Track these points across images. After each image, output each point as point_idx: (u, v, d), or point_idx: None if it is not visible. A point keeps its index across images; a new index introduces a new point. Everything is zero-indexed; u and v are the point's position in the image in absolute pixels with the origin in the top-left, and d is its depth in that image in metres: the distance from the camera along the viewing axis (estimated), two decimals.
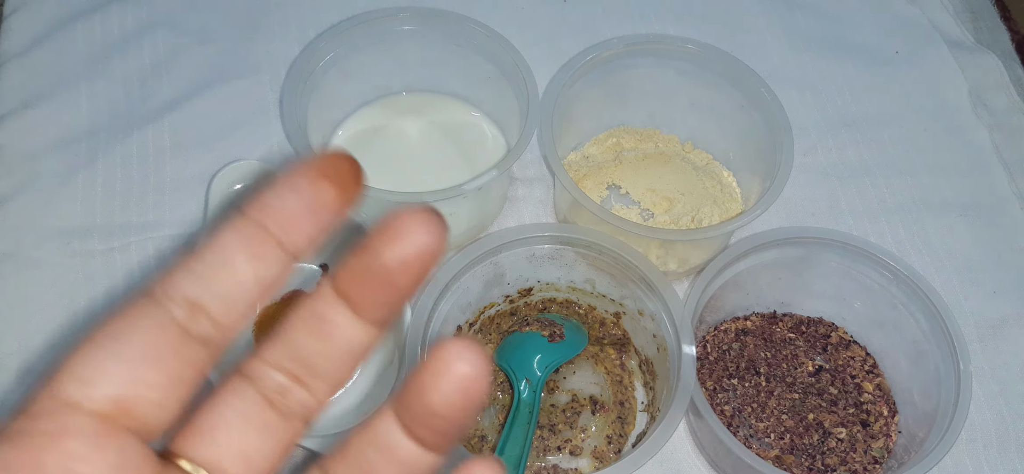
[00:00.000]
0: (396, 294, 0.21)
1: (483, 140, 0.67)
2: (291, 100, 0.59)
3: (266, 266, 0.21)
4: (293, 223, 0.21)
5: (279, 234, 0.21)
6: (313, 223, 0.21)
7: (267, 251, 0.21)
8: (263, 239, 0.21)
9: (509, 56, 0.62)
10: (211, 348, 0.21)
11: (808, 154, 0.70)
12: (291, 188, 0.21)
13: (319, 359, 0.22)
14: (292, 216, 0.21)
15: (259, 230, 0.20)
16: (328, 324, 0.21)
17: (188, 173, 0.65)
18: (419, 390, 0.21)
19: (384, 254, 0.21)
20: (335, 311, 0.22)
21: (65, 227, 0.62)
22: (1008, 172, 0.69)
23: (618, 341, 0.60)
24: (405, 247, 0.21)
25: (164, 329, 0.20)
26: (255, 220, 0.21)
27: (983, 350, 0.61)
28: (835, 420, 0.57)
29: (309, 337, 0.22)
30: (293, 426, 0.22)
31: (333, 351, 0.22)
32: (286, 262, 0.21)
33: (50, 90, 0.68)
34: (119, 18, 0.73)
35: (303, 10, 0.74)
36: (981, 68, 0.75)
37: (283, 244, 0.21)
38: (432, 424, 0.21)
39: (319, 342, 0.22)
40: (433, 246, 0.21)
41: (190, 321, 0.20)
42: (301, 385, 0.22)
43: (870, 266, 0.58)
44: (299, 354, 0.22)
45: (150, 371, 0.20)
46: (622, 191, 0.64)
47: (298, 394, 0.22)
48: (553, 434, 0.56)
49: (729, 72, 0.63)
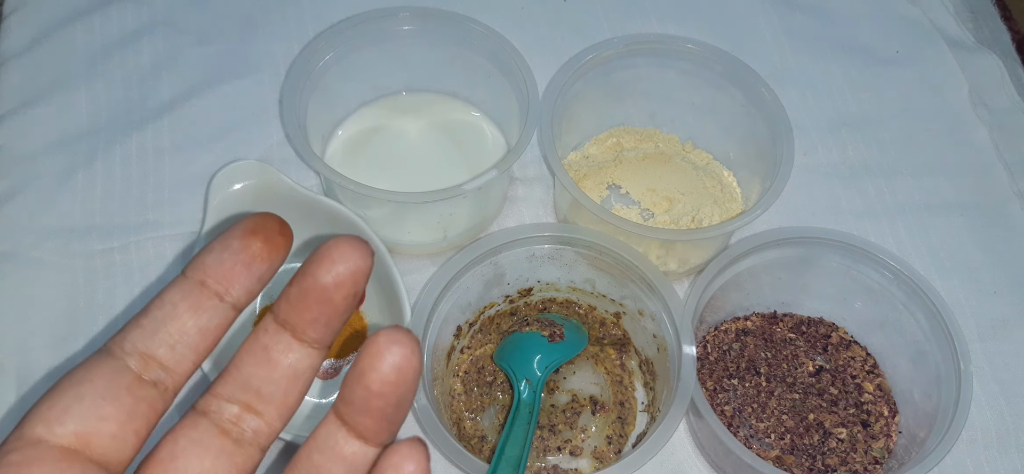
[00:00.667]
0: (333, 312, 0.24)
1: (483, 140, 0.67)
2: (291, 100, 0.59)
3: (208, 317, 0.24)
4: (230, 277, 0.24)
5: (218, 288, 0.24)
6: (247, 275, 0.24)
7: (208, 304, 0.24)
8: (203, 294, 0.24)
9: (509, 56, 0.62)
10: (163, 390, 0.24)
11: (808, 154, 0.70)
12: (225, 248, 0.24)
13: (266, 385, 0.24)
14: (228, 271, 0.24)
15: (199, 287, 0.24)
16: (272, 352, 0.24)
17: (188, 173, 0.65)
18: (358, 377, 0.23)
19: (320, 276, 0.23)
20: (277, 339, 0.24)
21: (65, 227, 0.62)
22: (1008, 172, 0.69)
23: (618, 341, 0.60)
24: (338, 268, 0.23)
25: (119, 374, 0.23)
26: (195, 279, 0.24)
27: (983, 350, 0.61)
28: (835, 420, 0.57)
29: (256, 367, 0.24)
30: (248, 452, 0.24)
31: (279, 376, 0.24)
32: (227, 311, 0.24)
33: (50, 90, 0.68)
34: (119, 18, 0.73)
35: (303, 10, 0.74)
36: (981, 68, 0.75)
37: (222, 296, 0.24)
38: (373, 408, 0.23)
39: (265, 369, 0.24)
40: (363, 267, 0.24)
41: (143, 368, 0.23)
42: (253, 413, 0.24)
43: (870, 266, 0.58)
44: (248, 383, 0.24)
45: (107, 409, 0.23)
46: (622, 191, 0.64)
47: (250, 422, 0.24)
48: (553, 434, 0.56)
49: (729, 72, 0.63)
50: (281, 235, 0.25)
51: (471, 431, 0.57)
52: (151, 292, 0.60)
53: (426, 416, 0.50)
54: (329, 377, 0.58)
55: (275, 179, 0.58)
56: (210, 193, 0.57)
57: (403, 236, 0.62)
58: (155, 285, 0.60)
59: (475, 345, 0.60)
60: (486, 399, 0.58)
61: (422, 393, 0.50)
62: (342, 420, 0.24)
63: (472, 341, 0.60)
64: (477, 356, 0.59)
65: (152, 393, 0.24)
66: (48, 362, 0.57)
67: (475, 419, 0.57)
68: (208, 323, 0.24)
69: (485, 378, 0.59)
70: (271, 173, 0.58)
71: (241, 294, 0.24)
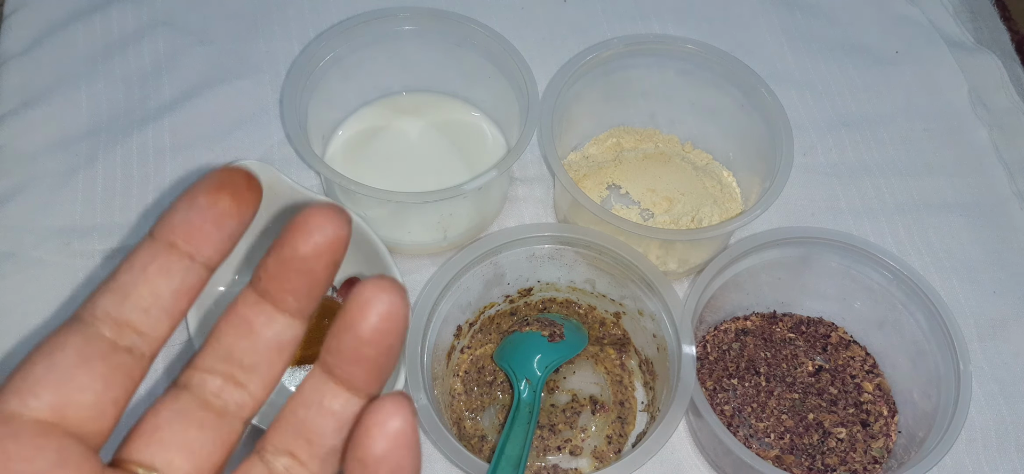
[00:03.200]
0: (313, 281, 0.24)
1: (483, 140, 0.67)
2: (291, 100, 0.59)
3: (180, 278, 0.23)
4: (199, 236, 0.23)
5: (188, 249, 0.23)
6: (217, 233, 0.23)
7: (179, 265, 0.23)
8: (173, 255, 0.23)
9: (509, 56, 0.62)
10: (139, 356, 0.23)
11: (808, 154, 0.70)
12: (191, 205, 0.23)
13: (248, 355, 0.24)
14: (197, 230, 0.23)
15: (168, 247, 0.23)
16: (254, 323, 0.24)
17: (188, 173, 0.65)
18: (347, 326, 0.23)
19: (299, 246, 0.23)
20: (258, 310, 0.24)
21: (65, 227, 0.62)
22: (1008, 172, 0.69)
23: (618, 341, 0.60)
24: (316, 237, 0.23)
25: (93, 342, 0.22)
26: (164, 240, 0.23)
27: (983, 350, 0.61)
28: (835, 420, 0.57)
29: (237, 338, 0.24)
30: (231, 424, 0.24)
31: (260, 345, 0.24)
32: (199, 271, 0.23)
33: (50, 90, 0.68)
34: (119, 18, 0.73)
35: (303, 10, 0.74)
36: (981, 68, 0.75)
37: (193, 256, 0.23)
38: (363, 357, 0.23)
39: (248, 340, 0.24)
40: (341, 235, 0.23)
41: (116, 335, 0.22)
42: (235, 385, 0.24)
43: (870, 266, 0.58)
44: (229, 354, 0.24)
45: (83, 378, 0.22)
46: (622, 191, 0.64)
47: (233, 393, 0.24)
48: (553, 434, 0.56)
49: (729, 72, 0.63)
50: (249, 189, 0.24)
51: (471, 431, 0.57)
52: None
53: (426, 416, 0.50)
54: None
55: (275, 179, 0.58)
56: None
57: (403, 236, 0.62)
58: None
59: (475, 345, 0.60)
60: (486, 399, 0.58)
61: (422, 393, 0.50)
62: (330, 373, 0.24)
63: (472, 341, 0.60)
64: (477, 356, 0.60)
65: (128, 360, 0.22)
66: None
67: (475, 419, 0.57)
68: (181, 285, 0.23)
69: (485, 378, 0.59)
70: (271, 173, 0.58)
71: (212, 253, 0.23)
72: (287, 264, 0.23)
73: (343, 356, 0.23)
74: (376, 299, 0.23)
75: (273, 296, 0.24)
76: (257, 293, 0.24)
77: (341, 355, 0.23)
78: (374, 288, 0.23)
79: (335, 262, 0.24)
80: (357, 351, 0.23)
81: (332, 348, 0.23)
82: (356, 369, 0.23)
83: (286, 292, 0.24)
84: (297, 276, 0.23)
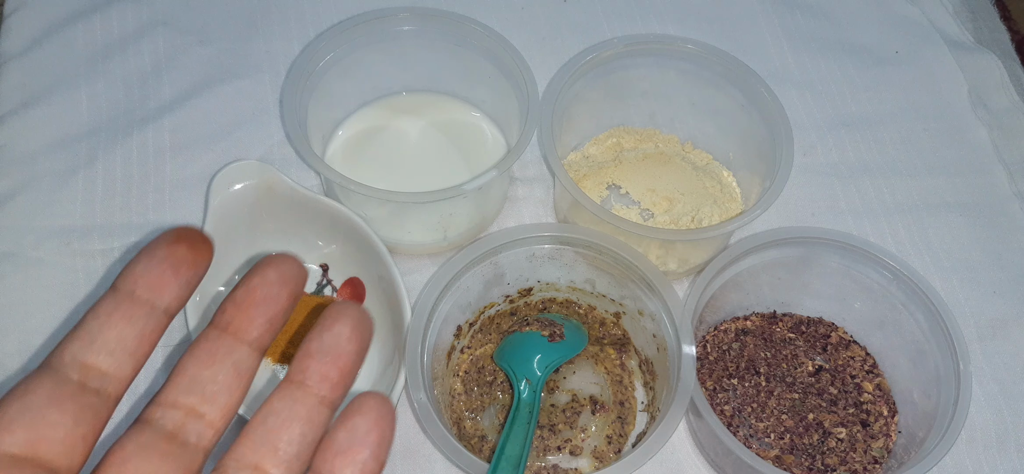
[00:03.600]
0: (276, 311, 0.27)
1: (483, 140, 0.67)
2: (291, 100, 0.59)
3: (142, 323, 0.25)
4: (159, 284, 0.26)
5: (149, 296, 0.26)
6: (175, 281, 0.26)
7: (140, 312, 0.25)
8: (135, 303, 0.25)
9: (509, 56, 0.62)
10: (106, 397, 0.25)
11: (808, 154, 0.70)
12: (151, 257, 0.26)
13: (210, 385, 0.26)
14: (157, 279, 0.26)
15: (130, 297, 0.25)
16: (215, 353, 0.26)
17: (188, 173, 0.65)
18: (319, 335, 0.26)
19: (256, 283, 0.26)
20: (219, 343, 0.26)
21: (65, 227, 0.62)
22: (1008, 172, 0.69)
23: (618, 341, 0.60)
24: (272, 274, 0.27)
25: (62, 385, 0.24)
26: (126, 290, 0.25)
27: (983, 350, 0.61)
28: (835, 420, 0.57)
29: (200, 368, 0.26)
30: (192, 455, 0.25)
31: (222, 375, 0.26)
32: (160, 317, 0.26)
33: (50, 90, 0.68)
34: (119, 18, 0.73)
35: (303, 10, 0.74)
36: (981, 68, 0.75)
37: (154, 304, 0.26)
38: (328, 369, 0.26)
39: (209, 370, 0.26)
40: (299, 275, 0.27)
41: (85, 377, 0.24)
42: (196, 417, 0.26)
43: (870, 266, 0.58)
44: (192, 386, 0.26)
45: (54, 416, 0.24)
46: (622, 191, 0.64)
47: (193, 425, 0.26)
48: (553, 434, 0.56)
49: (729, 72, 0.63)
50: (203, 241, 0.27)
51: (471, 431, 0.57)
52: None
53: (426, 416, 0.50)
54: None
55: (275, 179, 0.58)
56: (210, 193, 0.57)
57: (403, 236, 0.62)
58: None
59: (475, 345, 0.60)
60: (486, 399, 0.58)
61: (422, 392, 0.50)
62: (297, 382, 0.26)
63: (472, 341, 0.60)
64: (477, 356, 0.60)
65: (95, 400, 0.24)
66: None
67: (475, 419, 0.57)
68: (143, 330, 0.25)
69: (485, 378, 0.59)
70: (271, 173, 0.58)
71: (172, 300, 0.26)
72: (252, 293, 0.26)
73: (314, 361, 0.26)
74: (340, 320, 0.26)
75: (234, 328, 0.26)
76: (218, 329, 0.26)
77: (309, 366, 0.26)
78: (338, 310, 0.26)
79: (295, 294, 0.27)
80: (321, 365, 0.26)
81: (307, 351, 0.26)
82: (321, 381, 0.26)
83: (247, 320, 0.26)
84: (255, 307, 0.26)
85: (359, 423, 0.25)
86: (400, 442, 0.56)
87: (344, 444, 0.25)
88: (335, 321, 0.26)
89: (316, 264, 0.62)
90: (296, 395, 0.26)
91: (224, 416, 0.26)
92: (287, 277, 0.27)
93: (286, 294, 0.27)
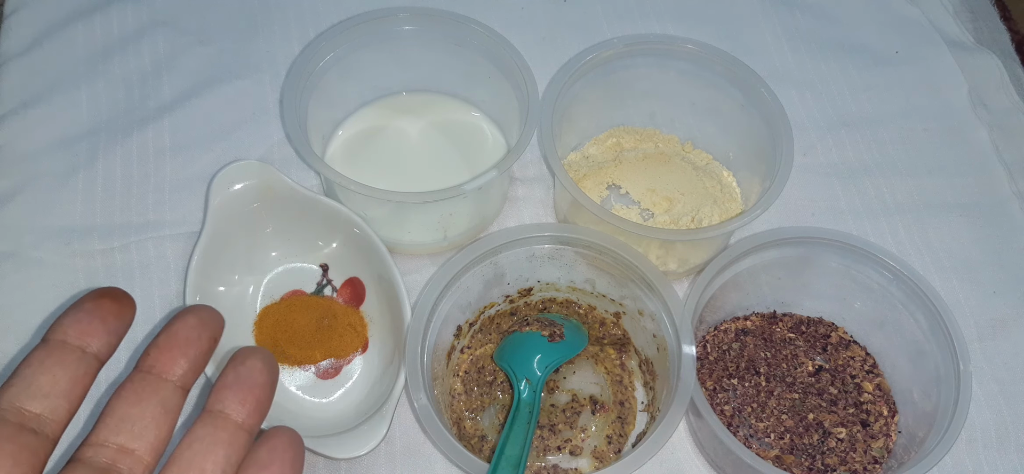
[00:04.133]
0: (198, 351, 0.30)
1: (483, 140, 0.67)
2: (291, 100, 0.59)
3: (74, 368, 0.28)
4: (87, 332, 0.29)
5: (79, 343, 0.28)
6: (103, 328, 0.29)
7: (72, 357, 0.28)
8: (66, 350, 0.28)
9: (509, 56, 0.62)
10: (43, 437, 0.27)
11: (808, 154, 0.70)
12: (79, 309, 0.29)
13: (139, 422, 0.28)
14: (86, 328, 0.29)
15: (61, 345, 0.28)
16: (141, 392, 0.29)
17: (188, 173, 0.65)
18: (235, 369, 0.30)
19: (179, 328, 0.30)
20: (145, 383, 0.29)
21: (65, 227, 0.62)
22: (1008, 172, 0.69)
23: (618, 341, 0.60)
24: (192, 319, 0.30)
25: (1, 427, 0.26)
26: (57, 340, 0.28)
27: (983, 350, 0.61)
28: (835, 420, 0.57)
29: (128, 407, 0.28)
30: None
31: (149, 412, 0.28)
32: (91, 361, 0.28)
33: (50, 90, 0.68)
34: (119, 18, 0.73)
35: (303, 10, 0.74)
36: (981, 68, 0.75)
37: (84, 349, 0.28)
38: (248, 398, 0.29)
39: (137, 408, 0.28)
40: (217, 320, 0.31)
41: (21, 419, 0.27)
42: (125, 454, 0.28)
43: (870, 266, 0.58)
44: (121, 424, 0.28)
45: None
46: (622, 191, 0.64)
47: (124, 461, 0.28)
48: (553, 434, 0.56)
49: (729, 72, 0.63)
50: (126, 297, 0.30)
51: (471, 431, 0.57)
52: (151, 292, 0.60)
53: (426, 416, 0.50)
54: (329, 377, 0.58)
55: (275, 179, 0.58)
56: (210, 193, 0.57)
57: (403, 236, 0.62)
58: (155, 285, 0.60)
59: (475, 345, 0.60)
60: (486, 399, 0.58)
61: (422, 393, 0.50)
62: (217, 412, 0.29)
63: (472, 341, 0.60)
64: (477, 356, 0.60)
65: (33, 440, 0.27)
66: None
67: (475, 419, 0.57)
68: (75, 373, 0.28)
69: (485, 378, 0.59)
70: (271, 173, 0.58)
71: (101, 347, 0.29)
72: (172, 340, 0.29)
73: (228, 400, 0.29)
74: (252, 355, 0.30)
75: (158, 369, 0.29)
76: (143, 371, 0.29)
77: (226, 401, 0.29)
78: (248, 349, 0.30)
79: (213, 338, 0.31)
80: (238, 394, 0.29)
81: (223, 384, 0.29)
82: (240, 408, 0.29)
83: (170, 364, 0.29)
84: (179, 349, 0.29)
85: (277, 443, 0.29)
86: (400, 442, 0.56)
87: (265, 460, 0.28)
88: (248, 357, 0.30)
89: (316, 264, 0.62)
90: (218, 422, 0.29)
91: (153, 451, 0.28)
92: (206, 321, 0.30)
93: (207, 336, 0.30)
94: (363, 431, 0.51)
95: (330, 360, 0.58)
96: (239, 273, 0.60)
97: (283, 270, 0.61)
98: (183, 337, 0.29)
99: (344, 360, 0.59)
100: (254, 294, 0.60)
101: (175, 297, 0.60)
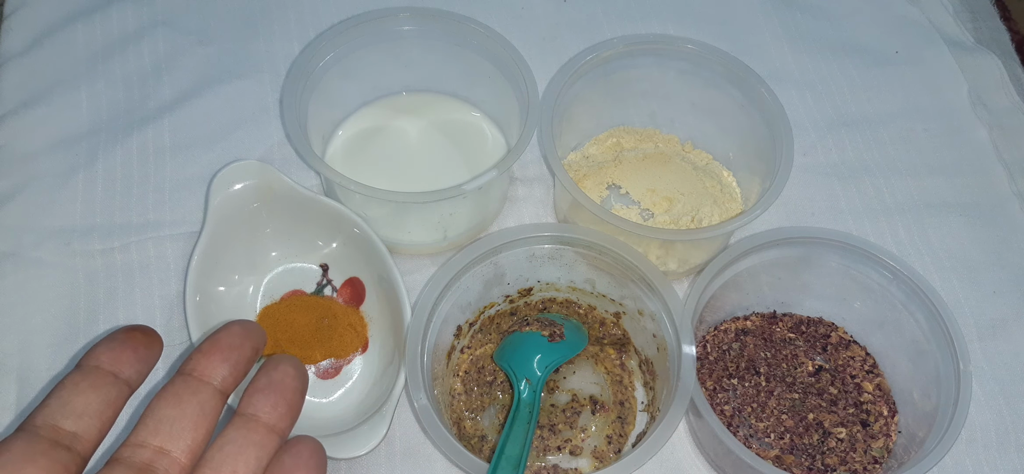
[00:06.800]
0: (239, 357, 0.31)
1: (483, 140, 0.67)
2: (291, 100, 0.59)
3: (106, 391, 0.29)
4: (119, 360, 0.30)
5: (112, 369, 0.30)
6: (134, 358, 0.30)
7: (105, 382, 0.30)
8: (99, 375, 0.30)
9: (509, 56, 0.62)
10: (75, 454, 0.28)
11: (808, 154, 0.70)
12: (113, 340, 0.31)
13: (177, 422, 0.29)
14: (118, 356, 0.30)
15: (95, 370, 0.30)
16: (182, 395, 0.30)
17: (188, 173, 0.65)
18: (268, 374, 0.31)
19: (223, 336, 0.31)
20: (185, 385, 0.30)
21: (65, 227, 0.62)
22: (1008, 172, 0.69)
23: (618, 341, 0.60)
24: (236, 328, 0.32)
25: (35, 442, 0.28)
26: (91, 365, 0.30)
27: (983, 350, 0.61)
28: (835, 420, 0.57)
29: (168, 409, 0.30)
30: None
31: (189, 412, 0.29)
32: (122, 387, 0.30)
33: (50, 90, 0.68)
34: (119, 18, 0.73)
35: (303, 10, 0.74)
36: (981, 68, 0.75)
37: (117, 374, 0.30)
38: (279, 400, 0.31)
39: (176, 409, 0.29)
40: (261, 338, 0.32)
41: (56, 435, 0.28)
42: (162, 454, 0.29)
43: (870, 266, 0.58)
44: (160, 425, 0.29)
45: (28, 469, 0.27)
46: (622, 191, 0.64)
47: (161, 462, 0.29)
48: (553, 434, 0.56)
49: (729, 72, 0.63)
50: (154, 333, 0.32)
51: (471, 431, 0.57)
52: (151, 292, 0.60)
53: (426, 416, 0.50)
54: (329, 377, 0.58)
55: (275, 179, 0.58)
56: (210, 193, 0.57)
57: (403, 236, 0.62)
58: (156, 285, 0.60)
59: (475, 345, 0.60)
60: (486, 399, 0.58)
61: (422, 393, 0.50)
62: (249, 415, 0.30)
63: (472, 341, 0.60)
64: (477, 356, 0.60)
65: (65, 456, 0.28)
66: (49, 362, 0.57)
67: (475, 419, 0.57)
68: (107, 396, 0.29)
69: (485, 378, 0.59)
70: (271, 173, 0.58)
71: (132, 374, 0.30)
72: (215, 347, 0.31)
73: (259, 404, 0.30)
74: (284, 361, 0.31)
75: (199, 373, 0.30)
76: (184, 374, 0.30)
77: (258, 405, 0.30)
78: (280, 356, 0.32)
79: (255, 349, 0.32)
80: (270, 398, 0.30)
81: (256, 388, 0.31)
82: (272, 412, 0.30)
83: (211, 369, 0.30)
84: (221, 353, 0.31)
85: (301, 450, 0.30)
86: (400, 442, 0.56)
87: (289, 466, 0.29)
88: (280, 363, 0.31)
89: (316, 264, 0.62)
90: (250, 425, 0.30)
91: (190, 453, 0.29)
92: (250, 332, 0.32)
93: (249, 346, 0.31)
94: (363, 431, 0.51)
95: (330, 360, 0.58)
96: (239, 273, 0.60)
97: (283, 270, 0.61)
98: (226, 344, 0.31)
99: (344, 360, 0.59)
100: (254, 294, 0.60)
101: (175, 297, 0.60)
